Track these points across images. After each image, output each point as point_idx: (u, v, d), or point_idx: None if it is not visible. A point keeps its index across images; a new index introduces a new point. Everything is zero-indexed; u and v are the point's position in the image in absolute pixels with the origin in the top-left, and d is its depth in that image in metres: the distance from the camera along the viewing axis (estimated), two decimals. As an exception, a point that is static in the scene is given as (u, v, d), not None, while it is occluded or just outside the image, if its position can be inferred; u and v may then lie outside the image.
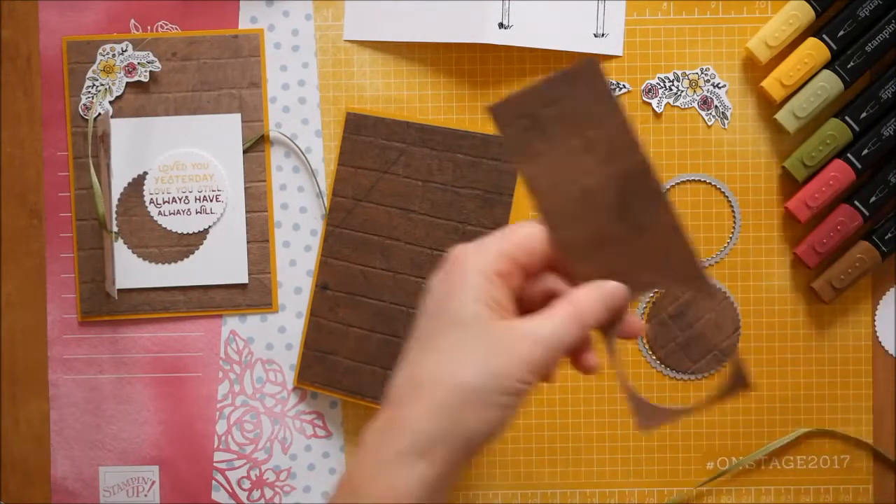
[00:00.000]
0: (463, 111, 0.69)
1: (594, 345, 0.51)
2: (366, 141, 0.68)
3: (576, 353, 0.51)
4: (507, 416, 0.48)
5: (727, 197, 0.69)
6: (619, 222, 0.52)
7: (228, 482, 0.70)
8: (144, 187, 0.70)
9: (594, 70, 0.52)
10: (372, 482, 0.48)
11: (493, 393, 0.48)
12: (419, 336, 0.50)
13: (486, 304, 0.49)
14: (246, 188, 0.70)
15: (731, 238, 0.69)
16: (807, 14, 0.67)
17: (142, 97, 0.70)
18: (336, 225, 0.69)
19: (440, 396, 0.48)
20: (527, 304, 0.51)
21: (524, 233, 0.51)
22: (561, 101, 0.53)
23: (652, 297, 0.69)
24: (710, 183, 0.69)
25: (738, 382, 0.52)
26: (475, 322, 0.49)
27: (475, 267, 0.49)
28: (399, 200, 0.68)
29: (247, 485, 0.70)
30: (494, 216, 0.65)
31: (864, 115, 0.67)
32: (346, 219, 0.69)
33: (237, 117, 0.70)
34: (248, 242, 0.70)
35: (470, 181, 0.66)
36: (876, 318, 0.70)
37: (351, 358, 0.68)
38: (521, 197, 0.65)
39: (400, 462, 0.48)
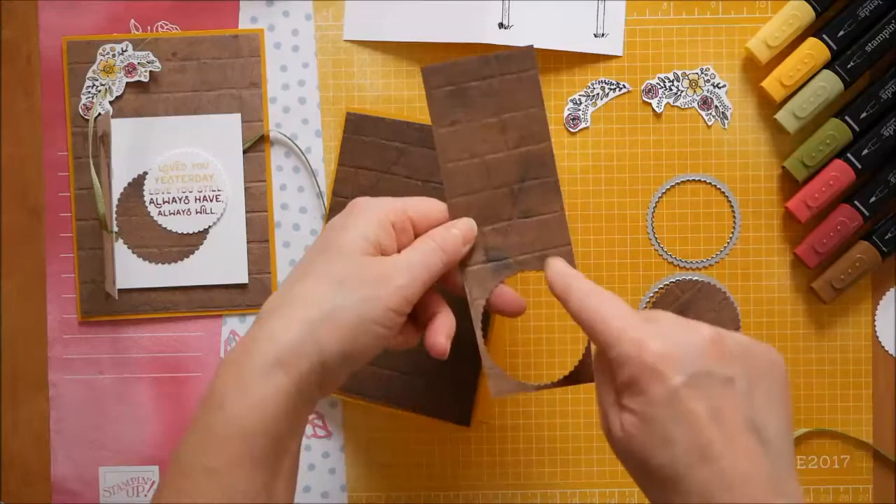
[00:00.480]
0: (463, 111, 0.69)
1: (449, 330, 0.55)
2: (366, 141, 0.68)
3: (429, 327, 0.55)
4: (368, 346, 0.51)
5: (727, 197, 0.69)
6: (511, 203, 0.57)
7: (228, 482, 0.70)
8: (144, 187, 0.70)
9: (528, 59, 0.57)
10: (236, 395, 0.49)
11: (360, 319, 0.50)
12: (300, 263, 0.53)
13: (371, 242, 0.52)
14: (246, 188, 0.70)
15: (731, 238, 0.69)
16: (807, 14, 0.67)
17: (142, 97, 0.70)
18: (336, 225, 0.69)
19: (306, 313, 0.50)
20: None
21: (427, 202, 0.55)
22: (490, 80, 0.57)
23: (652, 297, 0.69)
24: (710, 183, 0.69)
25: (584, 374, 0.57)
26: (354, 253, 0.51)
27: (372, 212, 0.53)
28: (399, 200, 0.68)
29: (247, 485, 0.70)
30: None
31: (864, 115, 0.67)
32: (346, 219, 0.69)
33: (237, 117, 0.70)
34: (248, 242, 0.70)
35: None
36: (876, 318, 0.70)
37: (351, 358, 0.68)
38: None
39: (263, 375, 0.49)
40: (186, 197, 0.70)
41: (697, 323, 0.48)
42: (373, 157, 0.68)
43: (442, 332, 0.55)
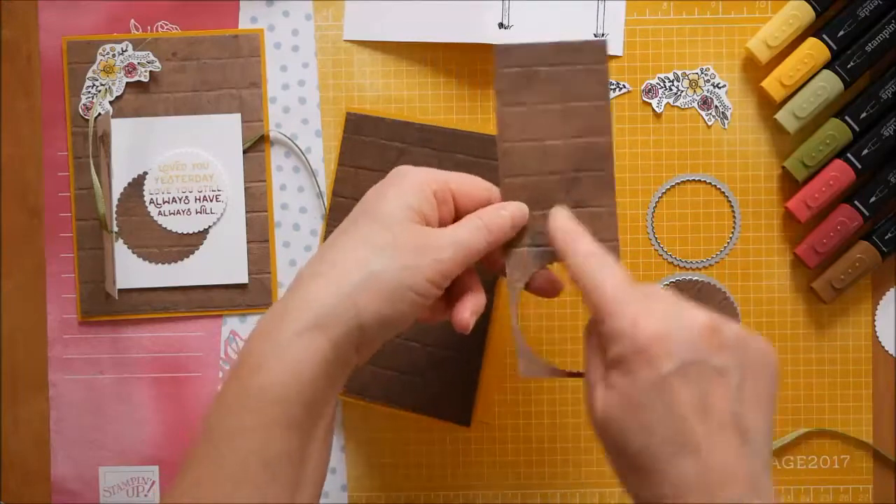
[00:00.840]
0: (463, 111, 0.69)
1: (476, 307, 0.54)
2: (366, 141, 0.68)
3: (458, 303, 0.54)
4: (405, 314, 0.50)
5: (727, 197, 0.69)
6: (565, 191, 0.57)
7: (228, 482, 0.70)
8: (144, 187, 0.70)
9: (601, 52, 0.57)
10: (274, 358, 0.48)
11: (399, 286, 0.50)
12: (339, 229, 0.52)
13: (414, 209, 0.51)
14: (246, 188, 0.70)
15: (731, 238, 0.69)
16: (807, 14, 0.67)
17: (142, 97, 0.70)
18: (336, 225, 0.69)
19: (346, 276, 0.49)
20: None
21: (471, 179, 0.55)
22: (560, 67, 0.57)
23: (652, 297, 0.69)
24: (710, 183, 0.69)
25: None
26: (395, 220, 0.51)
27: (413, 180, 0.52)
28: (399, 200, 0.68)
29: (247, 485, 0.70)
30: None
31: (864, 115, 0.67)
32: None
33: (237, 117, 0.70)
34: (248, 242, 0.70)
35: None
36: (876, 318, 0.70)
37: (351, 358, 0.68)
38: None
39: (300, 337, 0.48)
40: (186, 197, 0.70)
41: (695, 307, 0.47)
42: (373, 157, 0.68)
43: (469, 307, 0.54)
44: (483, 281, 0.65)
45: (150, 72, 0.69)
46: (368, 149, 0.68)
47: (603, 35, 0.69)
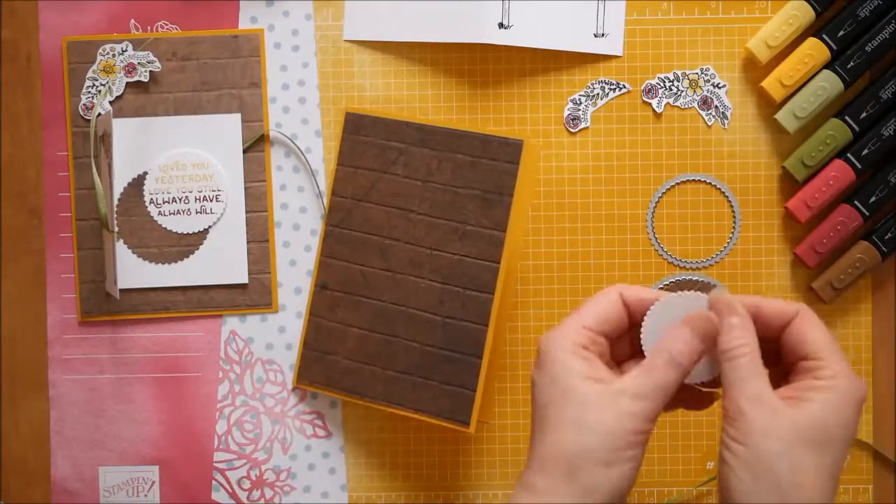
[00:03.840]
0: (463, 111, 0.69)
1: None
2: (365, 141, 0.68)
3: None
4: (633, 468, 0.53)
5: (727, 197, 0.69)
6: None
7: (228, 482, 0.70)
8: (144, 187, 0.70)
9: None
10: None
11: (613, 451, 0.52)
12: (540, 424, 0.55)
13: (586, 376, 0.53)
14: (246, 188, 0.70)
15: (731, 238, 0.69)
16: (807, 14, 0.67)
17: (142, 97, 0.70)
18: (335, 225, 0.69)
19: (567, 468, 0.52)
20: (623, 359, 0.57)
21: (600, 306, 0.55)
22: None
23: (652, 297, 0.69)
24: (710, 183, 0.69)
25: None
26: (581, 395, 0.53)
27: (564, 350, 0.54)
28: (399, 200, 0.68)
29: (247, 485, 0.70)
30: (494, 216, 0.65)
31: (864, 115, 0.67)
32: (345, 219, 0.69)
33: (237, 117, 0.70)
34: (248, 242, 0.70)
35: (469, 181, 0.66)
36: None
37: (350, 358, 0.68)
38: (520, 197, 0.65)
39: None
40: (186, 197, 0.70)
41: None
42: (372, 157, 0.68)
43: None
44: (483, 279, 0.66)
45: (150, 72, 0.69)
46: (368, 149, 0.68)
47: (603, 35, 0.69)
